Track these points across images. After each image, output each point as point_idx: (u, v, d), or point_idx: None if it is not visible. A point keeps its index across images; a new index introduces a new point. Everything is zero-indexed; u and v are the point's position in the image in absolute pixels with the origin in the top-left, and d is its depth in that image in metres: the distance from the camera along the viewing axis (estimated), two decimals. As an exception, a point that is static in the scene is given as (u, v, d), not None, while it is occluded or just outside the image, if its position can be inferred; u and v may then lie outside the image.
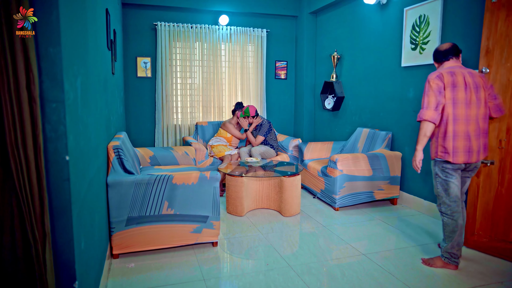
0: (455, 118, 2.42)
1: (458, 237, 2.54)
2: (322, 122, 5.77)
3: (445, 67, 2.52)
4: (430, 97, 2.42)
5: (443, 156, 2.47)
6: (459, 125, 2.42)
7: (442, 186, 2.54)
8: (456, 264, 2.59)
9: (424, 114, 2.43)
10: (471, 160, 2.46)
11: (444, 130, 2.45)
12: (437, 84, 2.41)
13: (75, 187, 1.48)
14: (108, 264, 2.55)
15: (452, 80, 2.41)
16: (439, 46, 2.61)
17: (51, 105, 1.32)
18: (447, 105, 2.43)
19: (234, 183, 3.66)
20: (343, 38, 5.12)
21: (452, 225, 2.53)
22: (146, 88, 5.47)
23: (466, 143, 2.43)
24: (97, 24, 2.38)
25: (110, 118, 3.07)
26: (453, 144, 2.42)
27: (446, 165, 2.49)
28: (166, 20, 5.37)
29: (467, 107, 2.42)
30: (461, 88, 2.41)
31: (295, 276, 2.50)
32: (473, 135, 2.44)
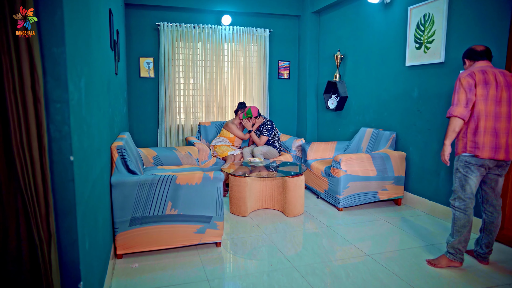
0: (486, 114, 2.45)
1: (468, 233, 2.56)
2: (326, 122, 5.76)
3: (476, 66, 2.55)
4: (460, 94, 2.45)
5: (472, 150, 2.48)
6: (488, 122, 2.45)
7: (460, 182, 2.56)
8: (461, 260, 2.59)
9: (454, 111, 2.46)
10: (497, 156, 2.46)
11: (475, 126, 2.47)
12: (467, 82, 2.44)
13: (79, 187, 1.47)
14: (112, 264, 2.55)
15: (484, 78, 2.44)
16: (473, 46, 2.63)
17: (55, 105, 1.31)
18: (478, 101, 2.45)
19: (237, 183, 3.66)
20: (347, 37, 5.10)
21: (464, 220, 2.55)
22: (149, 88, 5.48)
23: (493, 139, 2.45)
24: (101, 25, 2.38)
25: (114, 118, 3.07)
26: (482, 140, 2.45)
27: (471, 161, 2.50)
28: (169, 20, 5.37)
29: (497, 104, 2.45)
30: (493, 85, 2.44)
31: (299, 276, 2.48)
32: (502, 132, 2.45)
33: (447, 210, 3.51)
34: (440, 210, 3.59)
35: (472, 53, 2.59)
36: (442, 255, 2.66)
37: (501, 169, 2.55)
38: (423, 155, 3.81)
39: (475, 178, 2.52)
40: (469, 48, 2.64)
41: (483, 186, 2.64)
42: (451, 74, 3.43)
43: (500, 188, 2.61)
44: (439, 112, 3.58)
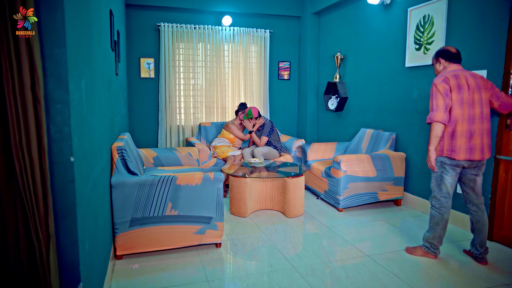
0: (462, 118, 2.53)
1: (441, 230, 2.69)
2: (326, 123, 5.76)
3: (448, 70, 2.63)
4: (438, 99, 2.53)
5: (449, 154, 2.57)
6: (464, 125, 2.53)
7: (436, 181, 2.68)
8: (435, 254, 2.76)
9: (435, 116, 2.53)
10: (473, 157, 2.55)
11: (452, 129, 2.55)
12: (444, 87, 2.53)
13: (79, 188, 1.47)
14: (112, 265, 2.54)
15: (457, 82, 2.53)
16: (447, 47, 2.70)
17: (56, 106, 1.31)
18: (455, 106, 2.53)
19: (237, 184, 3.66)
20: (347, 38, 5.10)
21: (437, 218, 2.68)
22: (149, 88, 5.48)
23: (468, 141, 2.54)
24: (101, 25, 2.38)
25: (114, 119, 3.07)
26: (458, 142, 2.54)
27: (446, 161, 2.60)
28: (169, 21, 5.38)
29: (471, 107, 2.53)
30: (465, 89, 2.53)
31: (299, 277, 2.48)
32: (477, 133, 2.54)
33: (447, 211, 3.51)
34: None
35: (448, 54, 2.66)
36: (419, 246, 2.83)
37: (477, 169, 2.63)
38: (423, 156, 3.81)
39: (450, 178, 2.61)
40: (443, 48, 2.71)
41: (463, 187, 2.73)
42: (451, 75, 3.43)
43: (480, 187, 2.67)
44: (439, 113, 3.58)
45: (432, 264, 2.68)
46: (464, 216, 3.33)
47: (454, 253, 2.87)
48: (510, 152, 2.94)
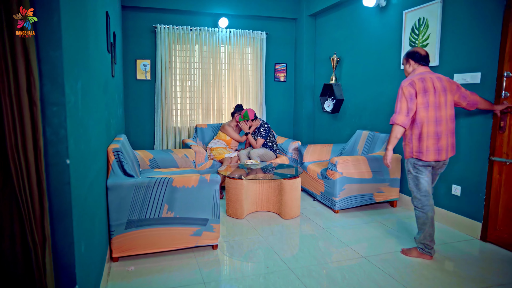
0: (428, 120, 2.64)
1: (430, 228, 2.74)
2: (322, 125, 5.78)
3: (416, 73, 2.73)
4: (402, 103, 2.65)
5: (417, 155, 2.70)
6: (430, 127, 2.65)
7: (414, 182, 2.77)
8: (430, 254, 2.78)
9: (397, 119, 2.66)
10: (440, 158, 2.68)
11: (419, 132, 2.67)
12: (409, 91, 2.63)
13: (75, 190, 1.47)
14: (108, 267, 2.54)
15: (423, 86, 2.63)
16: (418, 49, 2.79)
17: (52, 108, 1.32)
18: (420, 109, 2.64)
19: (234, 186, 3.66)
20: (343, 40, 5.13)
21: (423, 218, 2.75)
22: (145, 90, 5.47)
23: (435, 142, 2.65)
24: (98, 27, 2.38)
25: (110, 120, 3.07)
26: (426, 144, 2.64)
27: (418, 162, 2.71)
28: (165, 23, 5.38)
29: (437, 109, 2.65)
30: (431, 92, 2.64)
31: (295, 279, 2.49)
32: (443, 134, 2.66)
33: (441, 212, 3.54)
34: (436, 212, 3.61)
35: (418, 56, 2.75)
36: (414, 247, 2.86)
37: (441, 168, 2.80)
38: (419, 158, 3.83)
39: (426, 177, 2.73)
40: (413, 50, 2.80)
41: None
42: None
43: (435, 183, 2.92)
44: (434, 115, 3.61)
45: (427, 265, 2.70)
46: (458, 217, 3.35)
47: (449, 254, 2.89)
48: (503, 154, 2.97)
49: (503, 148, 2.96)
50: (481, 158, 3.14)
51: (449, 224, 3.46)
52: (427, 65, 2.76)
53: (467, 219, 3.28)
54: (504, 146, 2.96)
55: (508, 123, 2.92)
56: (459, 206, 3.36)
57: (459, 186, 3.36)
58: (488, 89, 3.05)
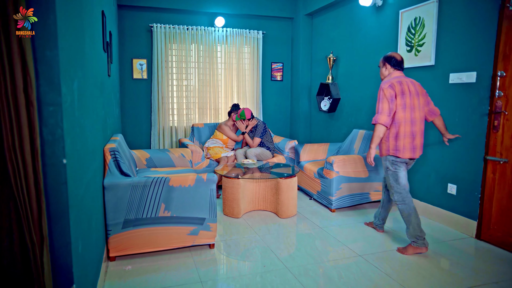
0: (404, 121, 2.82)
1: (415, 219, 2.87)
2: (318, 124, 5.79)
3: (393, 76, 2.92)
4: (384, 104, 2.81)
5: (394, 153, 2.87)
6: (407, 127, 2.83)
7: (393, 177, 2.93)
8: (424, 245, 2.84)
9: (380, 119, 2.81)
10: (414, 156, 2.88)
11: (396, 131, 2.84)
12: (390, 93, 2.80)
13: (72, 190, 1.47)
14: (105, 266, 2.54)
15: (401, 88, 2.81)
16: (394, 54, 2.97)
17: (48, 108, 1.31)
18: (398, 110, 2.81)
19: (230, 185, 3.66)
20: (339, 40, 5.14)
21: (407, 210, 2.89)
22: (142, 90, 5.46)
23: (411, 141, 2.84)
24: (94, 26, 2.37)
25: (107, 120, 3.06)
26: (402, 143, 2.83)
27: (395, 159, 2.89)
28: (162, 22, 5.37)
29: (412, 111, 2.83)
30: (407, 95, 2.82)
31: (292, 278, 2.50)
32: (418, 134, 2.86)
33: (438, 211, 3.56)
34: (432, 211, 3.64)
35: (394, 61, 2.95)
36: (409, 245, 2.90)
37: (410, 164, 3.00)
38: (414, 157, 3.85)
39: (403, 171, 2.92)
40: (390, 55, 2.97)
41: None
42: (441, 77, 3.49)
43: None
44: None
45: (423, 263, 2.72)
46: (453, 216, 3.38)
47: (445, 252, 2.91)
48: (497, 153, 2.99)
49: (497, 147, 2.99)
50: (476, 157, 3.16)
51: (445, 223, 3.48)
52: (402, 70, 2.95)
53: (462, 217, 3.30)
54: (497, 145, 2.99)
55: (502, 123, 2.95)
56: (455, 205, 3.39)
57: (454, 185, 3.38)
58: (484, 89, 3.07)
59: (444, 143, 3.20)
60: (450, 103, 3.40)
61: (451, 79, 3.37)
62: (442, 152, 3.51)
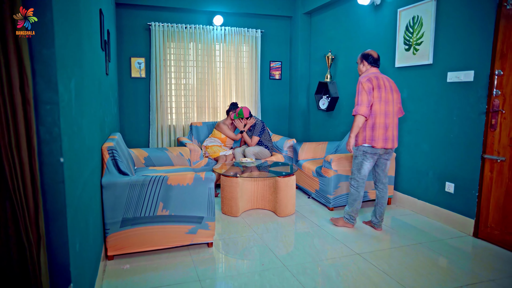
0: (379, 112, 3.03)
1: (358, 204, 3.28)
2: (317, 123, 5.79)
3: (370, 72, 3.14)
4: (363, 96, 3.02)
5: (370, 142, 3.08)
6: (381, 118, 3.05)
7: (357, 166, 3.21)
8: (352, 223, 3.36)
9: (359, 110, 3.02)
10: (387, 146, 3.09)
11: (373, 122, 3.05)
12: (368, 86, 3.01)
13: (70, 189, 1.47)
14: (103, 265, 2.54)
15: (378, 83, 3.04)
16: (371, 52, 3.19)
17: (45, 107, 1.31)
18: (375, 102, 3.03)
19: (229, 184, 3.66)
20: (338, 38, 5.14)
21: (355, 195, 3.25)
22: (140, 88, 5.45)
23: (384, 132, 3.06)
24: (91, 25, 2.37)
25: (104, 119, 3.06)
26: (377, 133, 3.05)
27: (367, 150, 3.11)
28: (160, 21, 5.36)
29: (387, 104, 3.06)
30: (383, 89, 3.05)
31: (290, 276, 2.50)
32: (390, 126, 3.08)
33: (436, 210, 3.57)
34: (429, 209, 3.65)
35: (371, 58, 3.17)
36: (341, 217, 3.44)
37: (388, 155, 3.21)
38: (413, 155, 3.86)
39: (369, 164, 3.16)
40: (368, 53, 3.19)
41: (376, 169, 3.28)
42: (439, 75, 3.49)
43: (388, 169, 3.29)
44: (428, 113, 3.64)
45: (421, 261, 2.73)
46: (451, 214, 3.39)
47: (442, 250, 2.92)
48: (494, 151, 3.00)
49: (494, 145, 3.00)
50: (474, 155, 3.17)
51: (442, 221, 3.49)
52: (378, 67, 3.18)
53: (460, 216, 3.31)
54: (495, 144, 2.99)
55: (499, 121, 2.95)
56: (453, 203, 3.40)
57: (452, 184, 3.39)
58: (481, 87, 3.08)
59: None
60: (448, 101, 3.40)
61: (449, 77, 3.37)
62: (440, 151, 3.52)
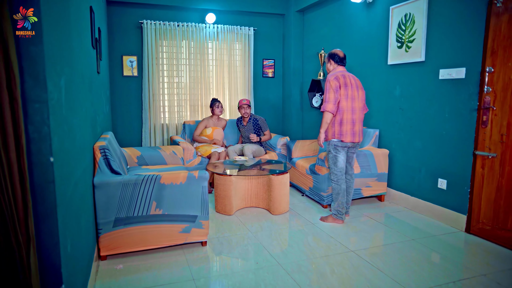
0: (347, 109, 3.22)
1: (342, 198, 3.37)
2: (310, 120, 5.80)
3: (337, 70, 3.33)
4: (330, 94, 3.19)
5: (339, 137, 3.26)
6: (348, 114, 3.23)
7: (332, 160, 3.35)
8: (341, 219, 3.42)
9: (327, 107, 3.20)
10: (355, 140, 3.29)
11: (340, 118, 3.24)
12: (335, 84, 3.19)
13: (60, 189, 1.45)
14: (96, 266, 2.51)
15: (344, 81, 3.23)
16: (337, 51, 3.38)
17: (34, 105, 1.28)
18: (342, 99, 3.21)
19: (222, 182, 3.65)
20: (330, 36, 5.14)
21: (337, 189, 3.36)
22: (132, 87, 5.41)
23: (351, 127, 3.25)
24: (81, 22, 2.33)
25: (96, 118, 3.02)
26: (345, 128, 3.22)
27: (338, 143, 3.29)
28: (152, 18, 5.31)
29: (353, 101, 3.26)
30: (349, 87, 3.24)
31: (285, 274, 2.50)
32: (357, 121, 3.29)
33: (429, 206, 3.59)
34: (422, 206, 3.67)
35: (337, 57, 3.36)
36: (330, 215, 3.49)
37: (355, 149, 3.43)
38: (406, 152, 3.88)
39: (342, 156, 3.33)
40: (334, 52, 3.38)
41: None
42: (431, 72, 3.51)
43: (354, 162, 3.51)
44: (420, 110, 3.66)
45: (414, 257, 2.74)
46: (444, 210, 3.41)
47: (435, 246, 2.94)
48: (486, 148, 3.02)
49: (486, 142, 3.02)
50: (466, 152, 3.19)
51: (435, 217, 3.52)
52: (344, 66, 3.37)
53: (452, 212, 3.34)
54: (486, 140, 3.02)
55: (490, 118, 2.98)
56: (445, 199, 3.42)
57: (445, 180, 3.41)
58: (473, 84, 3.10)
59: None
60: (440, 98, 3.42)
61: (441, 75, 3.39)
62: (432, 148, 3.54)
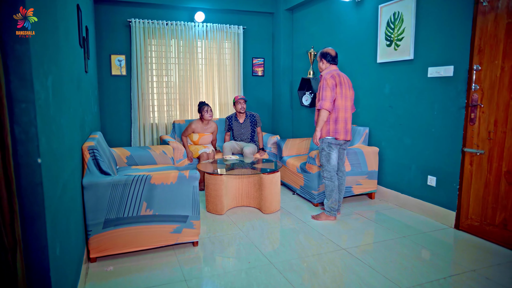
0: (341, 107, 3.27)
1: (336, 195, 3.41)
2: (300, 119, 5.81)
3: (331, 69, 3.34)
4: (327, 91, 3.21)
5: (333, 135, 3.32)
6: (342, 113, 3.29)
7: (326, 158, 3.39)
8: (334, 215, 3.47)
9: (324, 105, 3.21)
10: (347, 138, 3.37)
11: (336, 116, 3.29)
12: (331, 82, 3.22)
13: (48, 191, 1.42)
14: (86, 268, 2.47)
15: (339, 80, 3.27)
16: (329, 50, 3.38)
17: (20, 105, 1.25)
18: (337, 98, 3.25)
19: (213, 182, 3.63)
20: (320, 34, 5.16)
21: (331, 186, 3.40)
22: (121, 86, 5.34)
23: (344, 125, 3.32)
24: (68, 20, 2.29)
25: (84, 118, 2.97)
26: (339, 126, 3.29)
27: (331, 141, 3.33)
28: (140, 17, 5.25)
29: (345, 100, 3.31)
30: (343, 86, 3.28)
31: (277, 273, 2.50)
32: (348, 120, 3.35)
33: (419, 203, 3.63)
34: (412, 203, 3.71)
35: (329, 57, 3.36)
36: (322, 212, 3.52)
37: (346, 145, 3.48)
38: (396, 150, 3.91)
39: (335, 154, 3.37)
40: (326, 51, 3.38)
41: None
42: (420, 70, 3.54)
43: (344, 158, 3.55)
44: (410, 108, 3.69)
45: (405, 254, 2.77)
46: (433, 207, 3.45)
47: (425, 243, 2.97)
48: (474, 145, 3.07)
49: (474, 139, 3.06)
50: (454, 149, 3.23)
51: (425, 214, 3.56)
52: (336, 64, 3.39)
53: (442, 208, 3.38)
54: (474, 137, 3.06)
55: (478, 115, 3.02)
56: (435, 196, 3.46)
57: (434, 177, 3.45)
58: (461, 82, 3.14)
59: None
60: (429, 96, 3.46)
61: (430, 73, 3.42)
62: (422, 145, 3.57)
